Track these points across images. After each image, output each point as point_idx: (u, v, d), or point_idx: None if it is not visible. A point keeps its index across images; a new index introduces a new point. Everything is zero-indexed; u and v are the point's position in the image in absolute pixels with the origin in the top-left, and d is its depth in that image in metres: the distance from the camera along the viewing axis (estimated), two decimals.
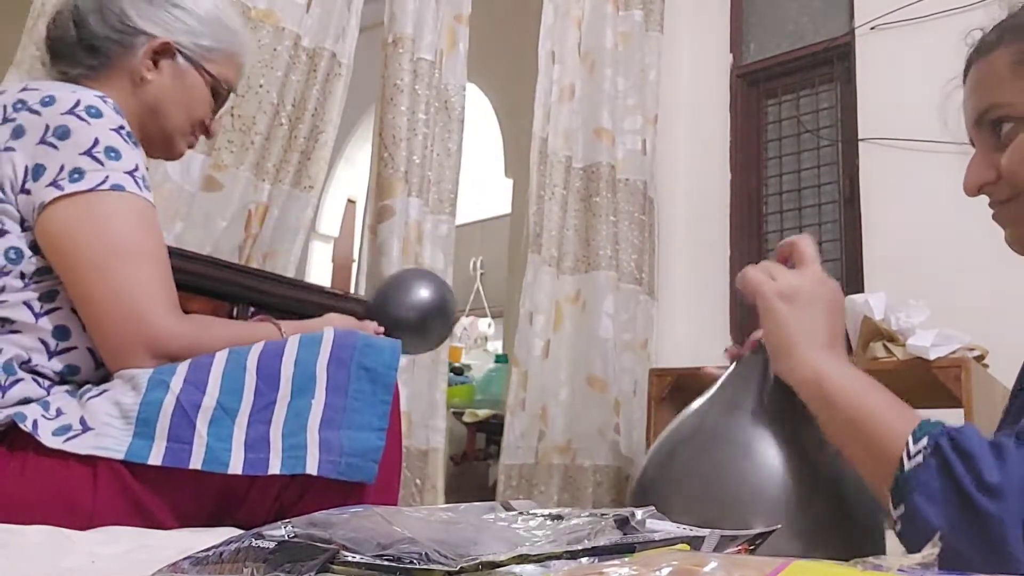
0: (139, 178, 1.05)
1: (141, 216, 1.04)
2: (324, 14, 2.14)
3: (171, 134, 1.22)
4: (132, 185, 1.04)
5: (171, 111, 1.20)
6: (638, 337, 2.88)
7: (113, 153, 1.03)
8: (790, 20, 3.33)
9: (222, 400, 0.98)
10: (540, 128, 2.74)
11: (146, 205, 1.06)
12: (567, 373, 2.70)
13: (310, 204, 2.11)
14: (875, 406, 0.73)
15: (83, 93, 1.06)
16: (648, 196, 3.02)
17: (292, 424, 0.98)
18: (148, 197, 1.06)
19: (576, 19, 2.90)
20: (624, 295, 2.86)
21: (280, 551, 0.45)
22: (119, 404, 0.97)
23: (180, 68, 1.20)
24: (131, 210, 1.04)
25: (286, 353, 1.02)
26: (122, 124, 1.07)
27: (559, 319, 2.73)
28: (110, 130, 1.05)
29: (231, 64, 1.26)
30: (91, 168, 1.01)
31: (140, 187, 1.05)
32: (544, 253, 2.70)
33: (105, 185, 1.02)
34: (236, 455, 0.96)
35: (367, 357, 1.04)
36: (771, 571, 0.35)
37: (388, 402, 1.03)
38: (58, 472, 0.94)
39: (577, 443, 2.65)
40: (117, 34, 1.17)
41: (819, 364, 0.76)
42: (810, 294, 0.80)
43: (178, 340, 1.03)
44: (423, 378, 2.22)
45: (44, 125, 1.02)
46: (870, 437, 0.71)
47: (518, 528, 0.48)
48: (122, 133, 1.06)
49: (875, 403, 0.73)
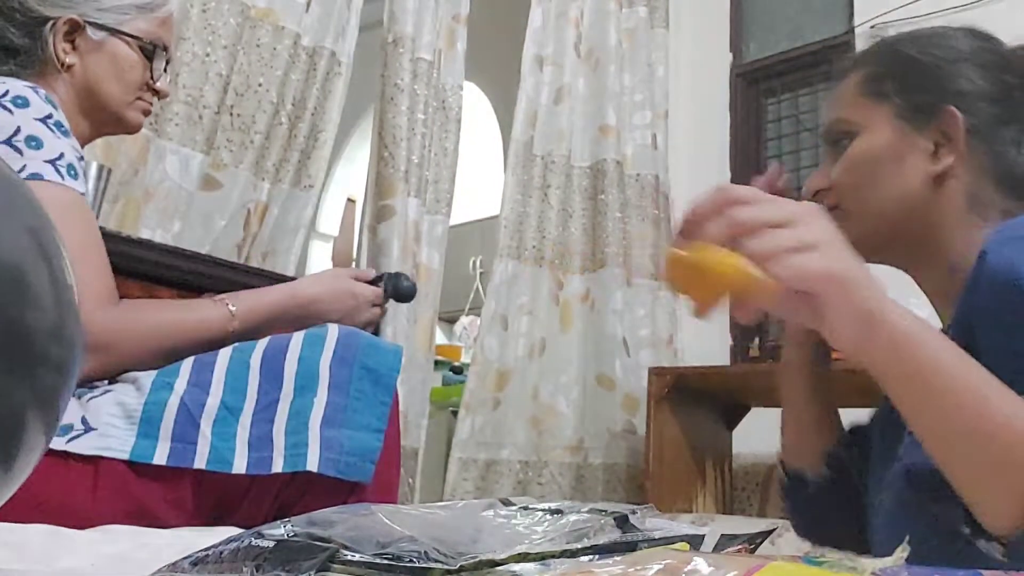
0: (62, 166, 1.02)
1: (62, 205, 0.99)
2: (324, 13, 2.14)
3: (116, 109, 1.18)
4: (52, 174, 1.00)
5: (105, 86, 1.16)
6: (659, 333, 2.83)
7: (34, 142, 1.00)
8: (790, 19, 3.33)
9: (226, 399, 0.98)
10: (522, 132, 2.70)
11: (69, 194, 1.01)
12: (577, 372, 2.68)
13: (310, 203, 2.11)
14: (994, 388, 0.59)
15: (12, 84, 1.03)
16: (661, 190, 2.99)
17: (294, 422, 0.98)
18: (73, 185, 1.02)
19: (574, 19, 2.90)
20: (638, 291, 2.82)
21: (280, 550, 0.45)
22: (122, 404, 0.97)
23: (96, 40, 1.15)
24: (51, 200, 1.00)
25: (290, 350, 1.02)
26: (50, 113, 1.03)
27: (567, 319, 2.70)
28: (35, 120, 1.01)
29: (151, 18, 1.19)
30: (9, 157, 0.98)
31: (62, 175, 1.01)
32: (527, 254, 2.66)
33: (22, 175, 0.98)
34: (240, 454, 0.96)
35: (370, 358, 1.04)
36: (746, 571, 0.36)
37: (388, 404, 1.03)
38: (58, 472, 0.94)
39: (588, 442, 2.64)
40: (22, 27, 1.13)
41: (917, 322, 0.62)
42: (821, 216, 0.64)
43: (99, 329, 0.98)
44: (416, 376, 2.22)
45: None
46: (993, 427, 0.58)
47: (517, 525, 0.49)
48: (48, 123, 1.03)
49: (994, 386, 0.59)
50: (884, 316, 0.61)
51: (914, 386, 0.62)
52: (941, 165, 0.81)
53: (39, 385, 0.48)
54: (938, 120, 0.82)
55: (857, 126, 0.86)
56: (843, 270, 0.61)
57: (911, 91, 0.84)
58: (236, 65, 1.99)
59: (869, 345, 0.62)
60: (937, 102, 0.82)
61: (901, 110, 0.84)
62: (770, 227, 0.61)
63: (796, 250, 0.60)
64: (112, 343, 1.00)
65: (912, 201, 0.82)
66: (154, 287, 1.52)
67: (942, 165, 0.81)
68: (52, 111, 1.04)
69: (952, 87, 0.83)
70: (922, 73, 0.85)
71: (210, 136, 1.95)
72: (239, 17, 1.98)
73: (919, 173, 0.82)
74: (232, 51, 1.97)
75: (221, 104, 1.96)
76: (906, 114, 0.84)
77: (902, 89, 0.85)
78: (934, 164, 0.82)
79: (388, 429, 1.04)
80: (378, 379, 1.03)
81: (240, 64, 1.99)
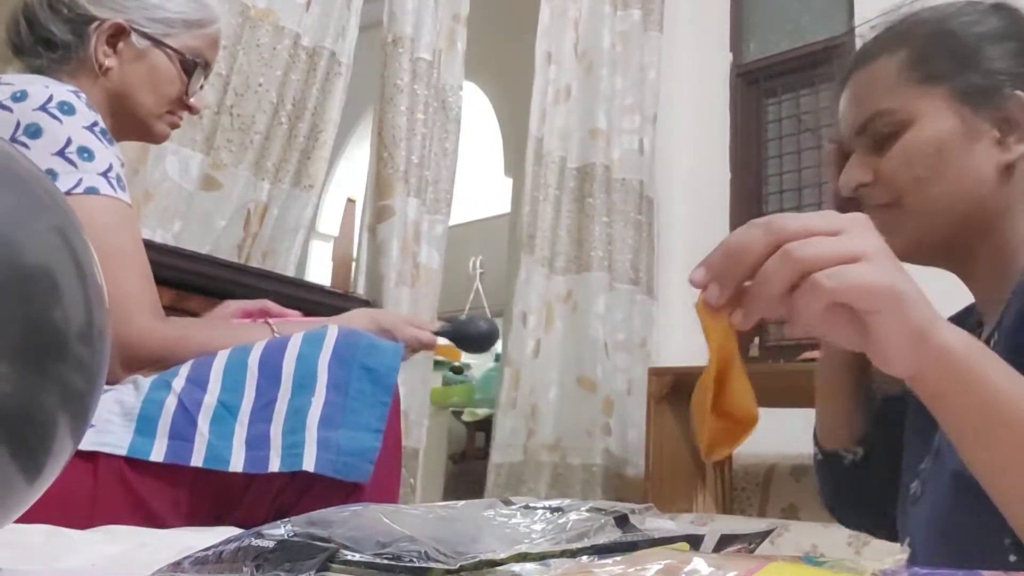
0: (113, 178, 1.03)
1: (117, 219, 1.02)
2: (324, 13, 2.14)
3: (144, 119, 1.17)
4: (106, 187, 1.01)
5: (139, 95, 1.15)
6: (634, 336, 2.88)
7: (86, 154, 1.01)
8: (790, 19, 3.33)
9: (223, 398, 0.98)
10: (536, 128, 2.74)
11: (122, 206, 1.03)
12: (558, 373, 2.71)
13: (310, 203, 2.11)
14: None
15: (56, 88, 1.03)
16: (646, 196, 3.02)
17: (292, 422, 0.98)
18: (123, 198, 1.04)
19: (573, 20, 2.90)
20: (618, 295, 2.86)
21: (280, 550, 0.45)
22: (121, 402, 0.97)
23: (139, 48, 1.14)
24: (106, 213, 1.01)
25: (288, 349, 1.02)
26: (95, 120, 1.04)
27: (550, 319, 2.73)
28: (83, 128, 1.02)
29: (198, 34, 1.18)
30: (64, 171, 0.99)
31: (115, 188, 1.02)
32: (537, 253, 2.70)
33: (79, 188, 0.99)
34: (237, 453, 0.96)
35: (369, 357, 1.04)
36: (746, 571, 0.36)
37: (387, 404, 1.03)
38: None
39: (567, 442, 2.67)
40: (68, 23, 1.12)
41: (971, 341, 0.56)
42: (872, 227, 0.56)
43: (153, 345, 1.01)
44: (416, 376, 2.22)
45: (15, 122, 0.99)
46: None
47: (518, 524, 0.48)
48: (95, 131, 1.03)
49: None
50: (937, 335, 0.54)
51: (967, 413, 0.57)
52: (1014, 153, 0.75)
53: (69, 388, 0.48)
54: (999, 103, 0.75)
55: (907, 114, 0.77)
56: (898, 283, 0.54)
57: (967, 71, 0.77)
58: (236, 65, 1.99)
59: (920, 365, 0.55)
60: (995, 85, 0.76)
61: (960, 93, 0.76)
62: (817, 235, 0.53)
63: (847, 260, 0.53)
64: (166, 357, 1.02)
65: (982, 193, 0.76)
66: None
67: (1015, 154, 0.75)
68: (96, 118, 1.04)
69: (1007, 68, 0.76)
70: (974, 51, 0.77)
71: (210, 136, 1.95)
72: (239, 17, 1.98)
73: (989, 162, 0.75)
74: (232, 51, 1.97)
75: (221, 104, 1.96)
76: (966, 97, 0.76)
77: (957, 69, 0.77)
78: (1004, 152, 0.75)
79: (388, 429, 1.04)
80: (377, 379, 1.03)
81: (240, 64, 1.99)
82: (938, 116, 0.77)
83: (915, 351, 0.54)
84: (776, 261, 0.53)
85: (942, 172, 0.76)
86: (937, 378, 0.55)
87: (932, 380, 0.56)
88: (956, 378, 0.55)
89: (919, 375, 0.56)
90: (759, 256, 0.53)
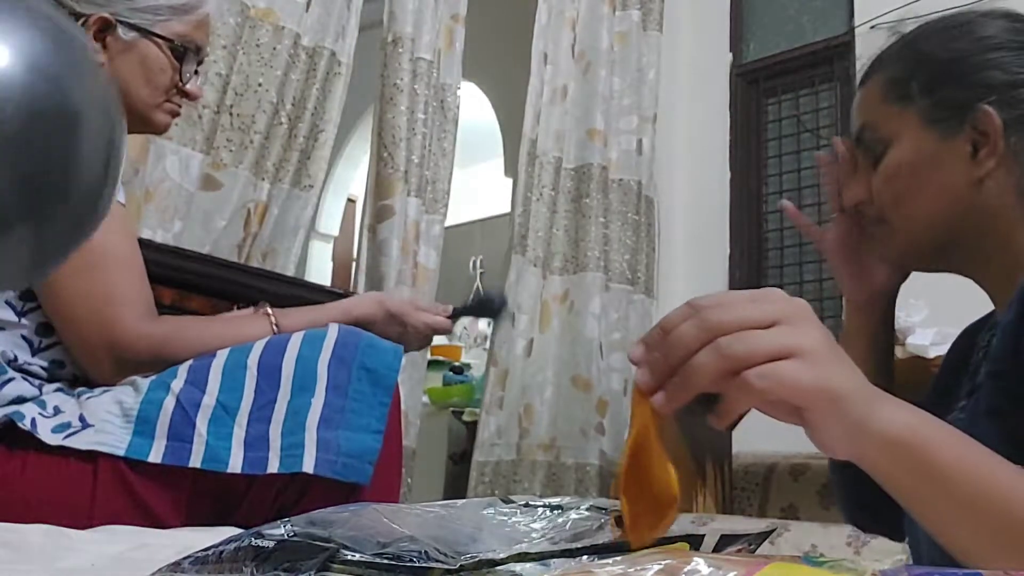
0: None
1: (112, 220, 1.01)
2: (324, 13, 2.14)
3: (142, 111, 1.15)
4: None
5: (133, 88, 1.13)
6: (630, 336, 2.87)
7: None
8: (790, 19, 3.32)
9: (222, 399, 0.98)
10: (530, 129, 2.74)
11: (116, 208, 1.01)
12: (553, 372, 2.71)
13: (310, 203, 2.11)
14: (1008, 476, 0.55)
15: None
16: (644, 196, 3.02)
17: (291, 423, 0.98)
18: (119, 199, 1.03)
19: (570, 20, 2.90)
20: (614, 295, 2.86)
21: (280, 550, 0.45)
22: (120, 403, 0.97)
23: (127, 41, 1.12)
24: None
25: (288, 350, 1.02)
26: None
27: (547, 319, 2.73)
28: None
29: (185, 20, 1.16)
30: None
31: None
32: (529, 254, 2.70)
33: None
34: (235, 454, 0.96)
35: (369, 358, 1.04)
36: (746, 571, 0.36)
37: (387, 404, 1.03)
38: (58, 470, 0.94)
39: (561, 441, 2.67)
40: None
41: (911, 420, 0.55)
42: (811, 317, 0.55)
43: (143, 345, 1.01)
44: (415, 376, 2.22)
45: None
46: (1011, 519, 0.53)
47: (517, 523, 0.48)
48: None
49: (1005, 472, 0.55)
50: (877, 423, 0.53)
51: (914, 490, 0.56)
52: (983, 169, 0.77)
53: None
54: (971, 119, 0.77)
55: (887, 134, 0.81)
56: (832, 380, 0.52)
57: (936, 92, 0.79)
58: (236, 65, 1.99)
59: (861, 452, 0.55)
60: (967, 100, 0.77)
61: (929, 114, 0.79)
62: (751, 328, 0.51)
63: (780, 356, 0.51)
64: (159, 356, 1.02)
65: (958, 208, 0.78)
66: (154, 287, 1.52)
67: (984, 169, 0.77)
68: None
69: (982, 81, 0.78)
70: (947, 71, 0.80)
71: (210, 136, 1.95)
72: (239, 17, 1.98)
73: (960, 179, 0.78)
74: (232, 51, 1.97)
75: (221, 104, 1.96)
76: (935, 118, 0.79)
77: (927, 91, 0.80)
78: (975, 168, 0.77)
79: (389, 429, 1.03)
80: (377, 379, 1.03)
81: (240, 64, 1.99)
82: (908, 139, 0.80)
83: (853, 442, 0.54)
84: (706, 355, 0.51)
85: (916, 192, 0.80)
86: (879, 461, 0.55)
87: (874, 463, 0.55)
88: (899, 460, 0.54)
89: (861, 459, 0.55)
90: (689, 351, 0.51)
